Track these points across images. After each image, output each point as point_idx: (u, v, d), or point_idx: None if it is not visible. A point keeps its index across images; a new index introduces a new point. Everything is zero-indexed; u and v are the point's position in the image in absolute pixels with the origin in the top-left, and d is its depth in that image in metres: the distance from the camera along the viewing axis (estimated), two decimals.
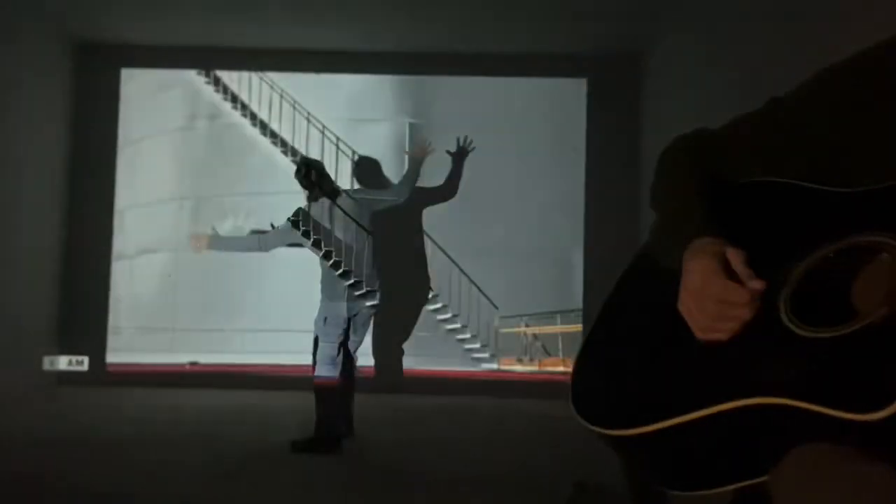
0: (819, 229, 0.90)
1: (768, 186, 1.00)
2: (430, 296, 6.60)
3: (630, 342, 1.01)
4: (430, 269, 6.60)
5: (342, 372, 4.15)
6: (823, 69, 1.01)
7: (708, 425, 0.85)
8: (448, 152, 6.42)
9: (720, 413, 0.84)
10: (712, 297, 0.88)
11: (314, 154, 6.42)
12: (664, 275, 0.98)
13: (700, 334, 0.90)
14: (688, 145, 1.10)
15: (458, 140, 6.43)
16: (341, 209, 4.34)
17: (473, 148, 6.44)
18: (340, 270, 4.27)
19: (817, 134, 0.98)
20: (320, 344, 4.17)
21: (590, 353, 1.04)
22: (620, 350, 1.02)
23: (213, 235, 4.79)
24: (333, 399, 4.07)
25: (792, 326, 0.85)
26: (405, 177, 5.39)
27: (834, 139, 0.97)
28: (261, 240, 4.92)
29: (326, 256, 4.27)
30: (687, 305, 0.91)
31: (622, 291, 1.09)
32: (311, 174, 4.27)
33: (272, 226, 4.66)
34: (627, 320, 1.04)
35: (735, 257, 0.90)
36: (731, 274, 0.89)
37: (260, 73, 6.82)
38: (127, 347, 6.69)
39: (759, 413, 0.82)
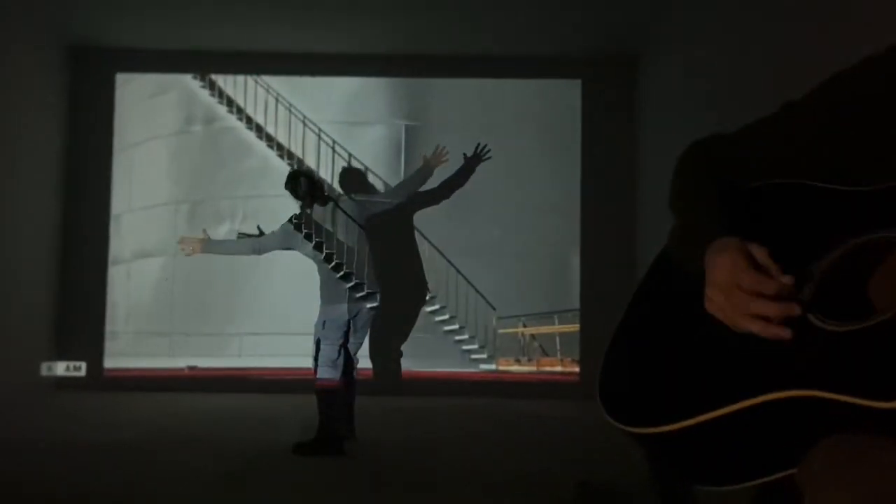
0: (836, 228, 0.93)
1: (784, 188, 1.02)
2: (427, 297, 6.61)
3: (656, 343, 1.03)
4: (426, 271, 6.62)
5: (343, 374, 4.16)
6: (837, 72, 1.03)
7: (736, 421, 0.87)
8: (465, 155, 6.41)
9: (747, 408, 0.86)
10: (743, 288, 0.89)
11: (310, 157, 6.43)
12: (685, 277, 1.00)
13: (733, 326, 0.91)
14: (704, 150, 1.13)
15: (476, 146, 6.42)
16: (344, 212, 4.35)
17: (489, 157, 6.43)
18: (342, 272, 4.28)
19: (832, 137, 1.00)
20: (321, 346, 4.18)
21: (616, 355, 1.06)
22: (647, 351, 1.04)
23: (204, 239, 4.78)
24: (335, 401, 4.08)
25: (815, 321, 0.87)
26: (409, 179, 5.37)
27: (849, 141, 0.99)
28: (256, 243, 4.90)
29: (328, 259, 4.27)
30: (716, 301, 0.92)
31: (644, 294, 1.11)
32: (301, 185, 4.27)
33: (259, 229, 4.63)
34: (652, 322, 1.06)
35: (760, 252, 0.92)
36: (757, 269, 0.91)
37: (255, 77, 6.82)
38: (124, 352, 6.68)
39: (787, 406, 0.84)
